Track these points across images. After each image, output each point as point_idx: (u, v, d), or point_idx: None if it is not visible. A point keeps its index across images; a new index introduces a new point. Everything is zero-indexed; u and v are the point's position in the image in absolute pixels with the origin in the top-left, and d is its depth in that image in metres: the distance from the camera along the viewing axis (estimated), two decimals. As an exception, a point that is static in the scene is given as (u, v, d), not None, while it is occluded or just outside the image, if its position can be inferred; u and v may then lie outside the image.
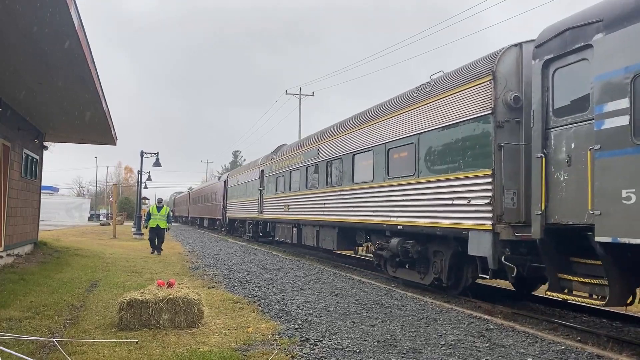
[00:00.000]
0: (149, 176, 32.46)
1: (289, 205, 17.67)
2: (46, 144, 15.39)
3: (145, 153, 27.84)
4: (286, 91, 37.60)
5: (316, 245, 15.53)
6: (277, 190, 19.52)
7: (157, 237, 16.58)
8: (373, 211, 11.29)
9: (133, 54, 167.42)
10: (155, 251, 16.35)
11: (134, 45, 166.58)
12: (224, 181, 31.65)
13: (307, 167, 16.12)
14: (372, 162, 11.55)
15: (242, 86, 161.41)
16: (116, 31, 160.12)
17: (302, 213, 16.15)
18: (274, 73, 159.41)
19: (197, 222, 46.89)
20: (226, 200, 30.34)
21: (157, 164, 27.95)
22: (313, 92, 46.68)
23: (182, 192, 66.68)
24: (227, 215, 29.82)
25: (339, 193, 13.35)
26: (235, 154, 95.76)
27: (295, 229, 17.27)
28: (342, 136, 13.63)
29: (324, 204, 14.24)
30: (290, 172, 17.86)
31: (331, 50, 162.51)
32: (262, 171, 22.07)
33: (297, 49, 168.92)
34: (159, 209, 16.86)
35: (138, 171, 29.54)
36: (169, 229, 17.13)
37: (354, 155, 12.62)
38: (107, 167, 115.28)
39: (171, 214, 17.86)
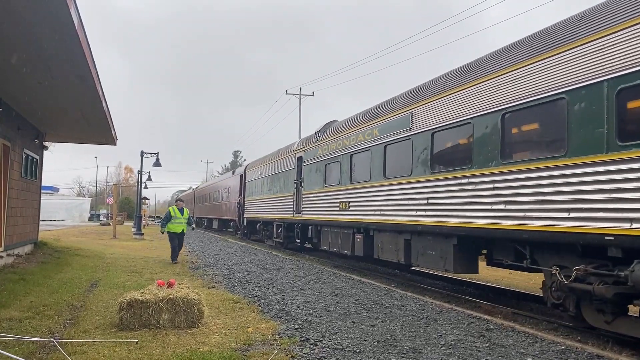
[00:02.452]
0: (149, 176, 32.54)
1: (348, 202, 12.82)
2: (46, 144, 15.39)
3: (145, 153, 27.87)
4: (286, 91, 37.73)
5: (404, 262, 10.23)
6: (326, 182, 14.56)
7: (179, 242, 14.12)
8: (568, 210, 6.25)
9: (129, 54, 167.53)
10: (177, 259, 13.86)
11: (131, 44, 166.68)
12: (241, 175, 26.86)
13: (386, 146, 11.00)
14: (562, 120, 6.48)
15: (241, 86, 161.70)
16: (112, 31, 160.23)
17: (375, 213, 11.30)
18: (273, 73, 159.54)
19: (205, 224, 42.07)
20: (244, 197, 25.58)
21: (157, 164, 27.97)
22: (313, 92, 46.81)
23: (185, 191, 64.67)
24: (245, 215, 25.06)
25: (467, 182, 8.23)
26: (236, 153, 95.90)
27: (358, 236, 12.31)
28: (471, 87, 8.36)
29: (427, 199, 9.27)
30: (351, 155, 12.85)
31: (330, 49, 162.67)
32: (299, 158, 17.07)
33: (296, 49, 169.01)
34: (181, 210, 14.21)
35: (138, 171, 29.58)
36: (191, 230, 14.70)
37: (504, 114, 7.52)
38: (107, 167, 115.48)
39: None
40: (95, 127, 13.12)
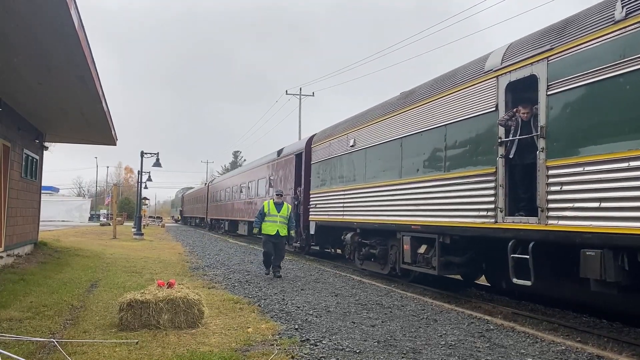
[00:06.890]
0: (149, 176, 32.53)
1: None
2: (46, 144, 15.38)
3: (146, 153, 27.88)
4: (286, 91, 37.87)
5: None
6: None
7: (275, 249, 11.01)
8: None
9: (130, 55, 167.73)
10: (271, 272, 10.99)
11: (132, 45, 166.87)
12: (297, 154, 17.30)
13: None
14: None
15: (241, 87, 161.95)
16: (111, 32, 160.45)
17: None
18: (272, 74, 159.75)
19: (224, 227, 31.95)
20: (305, 189, 16.34)
21: (157, 164, 27.98)
22: (313, 92, 46.96)
23: (193, 187, 59.68)
24: (311, 218, 15.48)
25: None
26: (236, 154, 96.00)
27: None
28: None
29: None
30: None
31: (327, 50, 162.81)
32: (514, 85, 7.34)
33: (295, 51, 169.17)
34: (278, 206, 10.99)
35: (138, 171, 29.60)
36: (294, 237, 11.55)
37: None
38: (107, 167, 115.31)
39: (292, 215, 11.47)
40: (95, 127, 13.12)
